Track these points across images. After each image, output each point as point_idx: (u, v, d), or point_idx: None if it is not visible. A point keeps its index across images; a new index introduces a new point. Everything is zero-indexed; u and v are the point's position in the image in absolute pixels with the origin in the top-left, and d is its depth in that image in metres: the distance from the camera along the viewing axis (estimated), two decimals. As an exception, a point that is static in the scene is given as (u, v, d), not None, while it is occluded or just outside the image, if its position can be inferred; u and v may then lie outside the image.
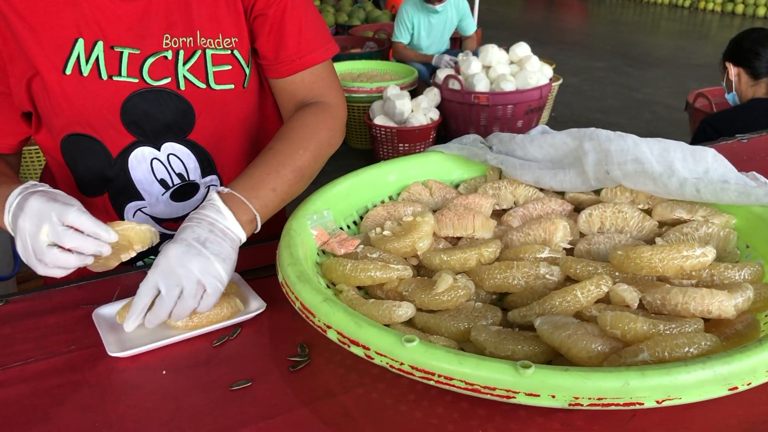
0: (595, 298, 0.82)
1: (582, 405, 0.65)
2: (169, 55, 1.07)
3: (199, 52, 1.09)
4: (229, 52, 1.11)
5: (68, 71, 1.02)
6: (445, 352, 0.68)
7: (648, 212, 1.05)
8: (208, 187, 1.21)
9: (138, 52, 1.05)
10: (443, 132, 4.52)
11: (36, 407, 0.78)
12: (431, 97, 4.23)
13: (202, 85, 1.11)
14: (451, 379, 0.68)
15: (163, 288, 0.86)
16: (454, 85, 4.16)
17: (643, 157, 1.02)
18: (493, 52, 4.25)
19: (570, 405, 0.65)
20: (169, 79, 1.08)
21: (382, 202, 1.16)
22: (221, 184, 1.22)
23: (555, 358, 0.79)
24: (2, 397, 0.80)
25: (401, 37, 4.93)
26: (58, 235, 0.84)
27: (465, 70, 4.22)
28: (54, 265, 0.86)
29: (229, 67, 1.12)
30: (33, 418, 0.77)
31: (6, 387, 0.82)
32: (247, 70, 1.14)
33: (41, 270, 0.87)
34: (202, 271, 0.87)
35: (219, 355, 0.87)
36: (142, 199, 1.17)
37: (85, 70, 1.03)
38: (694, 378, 0.64)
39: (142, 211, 1.18)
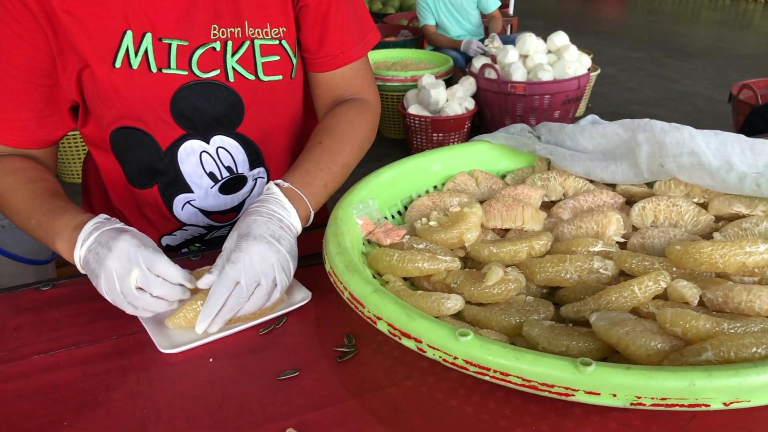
0: (652, 294, 0.79)
1: (644, 405, 0.62)
2: (218, 46, 1.05)
3: (247, 43, 1.07)
4: (277, 42, 1.09)
5: (117, 64, 1.01)
6: (502, 347, 0.66)
7: (703, 206, 1.01)
8: (256, 179, 1.21)
9: (186, 43, 1.03)
10: (478, 122, 4.48)
11: (85, 392, 0.78)
12: (467, 86, 4.19)
13: (251, 77, 1.09)
14: (507, 375, 0.66)
15: (243, 284, 0.86)
16: (490, 74, 4.12)
17: (699, 150, 0.99)
18: (530, 41, 4.19)
19: (632, 404, 0.63)
20: (218, 71, 1.07)
21: (427, 191, 1.14)
22: (268, 177, 1.22)
23: (610, 355, 0.76)
24: (53, 380, 0.80)
25: (427, 19, 4.88)
26: (148, 283, 0.85)
27: (501, 59, 4.17)
28: (144, 308, 0.87)
29: (278, 58, 1.10)
30: (83, 402, 0.77)
31: (56, 371, 0.82)
32: (294, 60, 1.13)
33: (129, 310, 0.87)
34: (279, 269, 0.88)
35: (265, 344, 0.86)
36: (191, 191, 1.16)
37: (135, 62, 1.02)
38: (765, 380, 0.61)
39: (190, 204, 1.18)
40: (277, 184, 0.97)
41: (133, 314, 0.88)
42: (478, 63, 4.25)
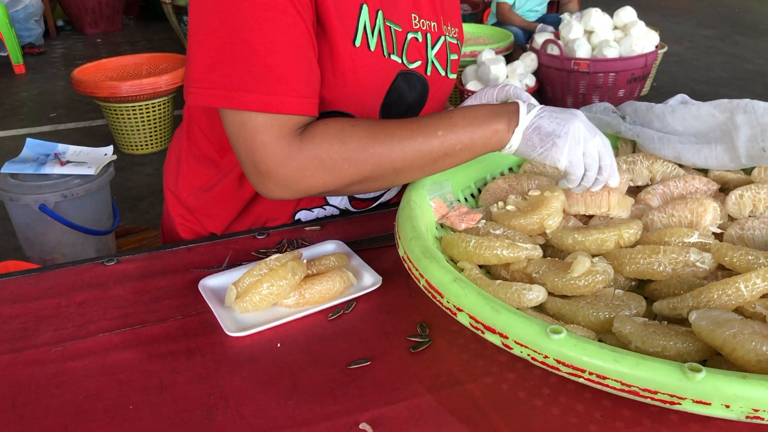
0: (761, 293, 0.72)
1: (762, 419, 0.56)
2: (420, 37, 1.00)
3: (443, 39, 1.05)
4: (455, 41, 1.09)
5: (357, 43, 0.91)
6: (599, 347, 0.61)
7: (809, 196, 0.93)
8: None
9: (400, 29, 0.97)
10: (538, 99, 4.35)
11: (151, 374, 0.76)
12: (528, 62, 4.06)
13: (443, 73, 1.07)
14: (604, 378, 0.60)
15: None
16: (552, 50, 3.98)
17: (809, 134, 0.90)
18: (596, 16, 4.02)
19: (747, 418, 0.56)
20: (419, 63, 1.01)
21: (502, 173, 1.08)
22: None
23: (710, 358, 0.70)
24: (118, 360, 0.78)
25: None
26: (603, 154, 0.88)
27: (565, 34, 4.02)
28: (589, 176, 0.89)
29: (456, 57, 1.09)
30: (148, 385, 0.74)
31: (121, 350, 0.80)
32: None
33: (580, 172, 0.88)
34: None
35: (334, 330, 0.82)
36: None
37: (372, 44, 0.93)
38: None
39: None
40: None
41: (578, 181, 0.90)
42: (540, 38, 4.11)
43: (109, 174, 2.25)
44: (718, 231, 0.89)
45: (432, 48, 1.03)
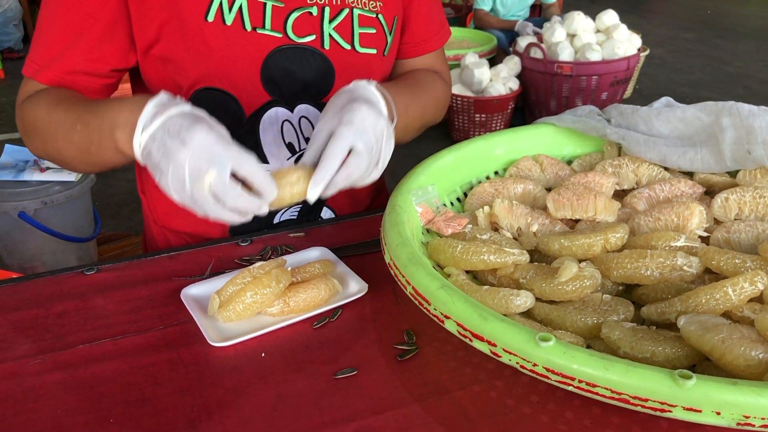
0: (748, 297, 0.72)
1: (753, 426, 0.56)
2: (314, 11, 1.01)
3: (346, 11, 1.04)
4: (374, 15, 1.07)
5: (210, 18, 0.95)
6: (588, 354, 0.60)
7: (794, 198, 0.93)
8: None
9: (282, 5, 0.99)
10: (521, 103, 4.36)
11: (132, 386, 0.74)
12: (511, 66, 4.07)
13: (347, 46, 1.05)
14: (594, 386, 0.59)
15: (361, 145, 0.78)
16: (536, 53, 3.99)
17: (793, 136, 0.90)
18: (578, 19, 4.05)
19: (738, 425, 0.56)
20: (313, 37, 1.02)
21: (488, 177, 1.07)
22: None
23: (699, 362, 0.69)
24: (99, 372, 0.76)
25: (483, 3, 4.74)
26: (225, 192, 0.71)
27: (548, 38, 4.04)
28: (216, 218, 0.74)
29: (374, 31, 1.07)
30: (130, 397, 0.72)
31: (102, 362, 0.78)
32: (389, 38, 1.10)
33: (199, 215, 0.74)
34: (386, 141, 0.83)
35: (320, 339, 0.81)
36: (267, 162, 1.09)
37: (229, 19, 0.96)
38: None
39: None
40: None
41: (203, 216, 0.74)
42: (523, 42, 4.12)
43: (90, 180, 2.22)
44: (705, 234, 0.89)
45: (330, 22, 1.03)
